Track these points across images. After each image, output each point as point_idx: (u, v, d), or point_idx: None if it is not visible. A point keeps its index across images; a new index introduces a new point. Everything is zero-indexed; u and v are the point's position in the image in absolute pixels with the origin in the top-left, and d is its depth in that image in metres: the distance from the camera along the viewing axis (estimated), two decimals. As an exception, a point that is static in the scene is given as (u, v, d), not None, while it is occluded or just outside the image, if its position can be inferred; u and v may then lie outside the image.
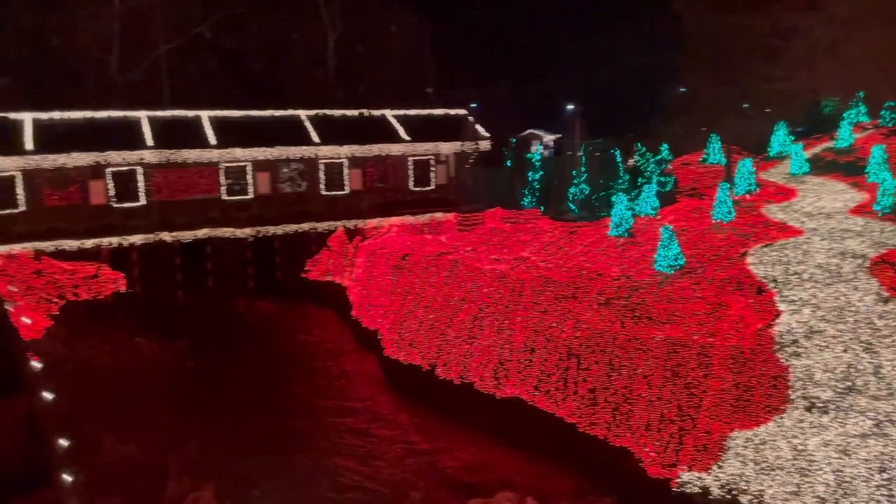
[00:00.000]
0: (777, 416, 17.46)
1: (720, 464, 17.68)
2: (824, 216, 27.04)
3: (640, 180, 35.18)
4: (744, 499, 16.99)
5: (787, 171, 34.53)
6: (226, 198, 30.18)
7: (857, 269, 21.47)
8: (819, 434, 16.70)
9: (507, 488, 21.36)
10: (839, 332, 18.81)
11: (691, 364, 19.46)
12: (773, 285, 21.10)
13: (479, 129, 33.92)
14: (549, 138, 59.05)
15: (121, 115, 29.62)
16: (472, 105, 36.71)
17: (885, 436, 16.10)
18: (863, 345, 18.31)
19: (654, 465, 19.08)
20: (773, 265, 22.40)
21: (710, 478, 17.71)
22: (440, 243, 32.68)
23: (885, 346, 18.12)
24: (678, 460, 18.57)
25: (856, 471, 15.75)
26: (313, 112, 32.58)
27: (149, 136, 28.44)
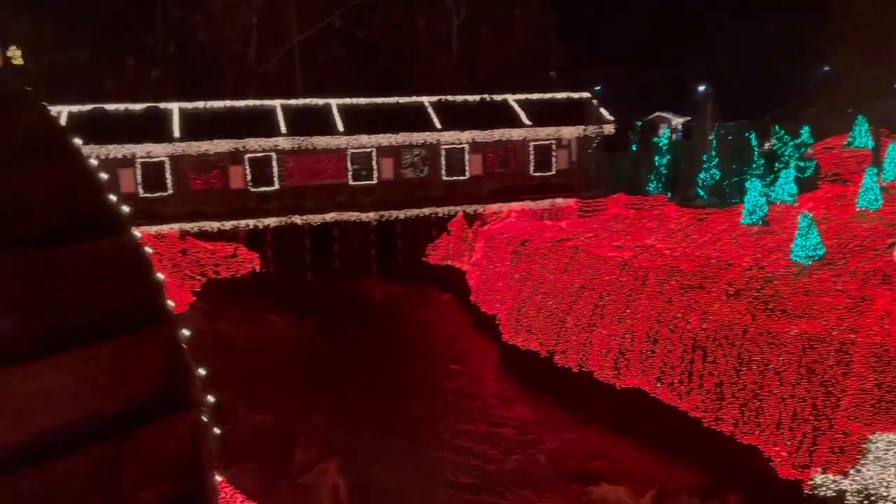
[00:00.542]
0: (927, 421, 16.13)
1: (858, 467, 16.56)
2: None
3: (776, 165, 33.22)
4: (885, 507, 15.88)
5: (946, 155, 31.46)
6: (352, 183, 31.25)
7: None
8: (976, 443, 15.29)
9: (625, 480, 21.02)
10: None
11: (829, 361, 18.28)
12: (925, 279, 19.42)
13: (604, 112, 33.13)
14: (678, 121, 56.81)
15: (257, 104, 31.29)
16: (596, 88, 35.92)
17: None
18: None
19: (785, 465, 18.14)
20: (927, 258, 20.60)
21: (847, 481, 16.64)
22: (560, 229, 32.32)
23: None
24: (811, 461, 17.56)
25: None
26: (436, 98, 33.04)
27: (282, 124, 29.89)
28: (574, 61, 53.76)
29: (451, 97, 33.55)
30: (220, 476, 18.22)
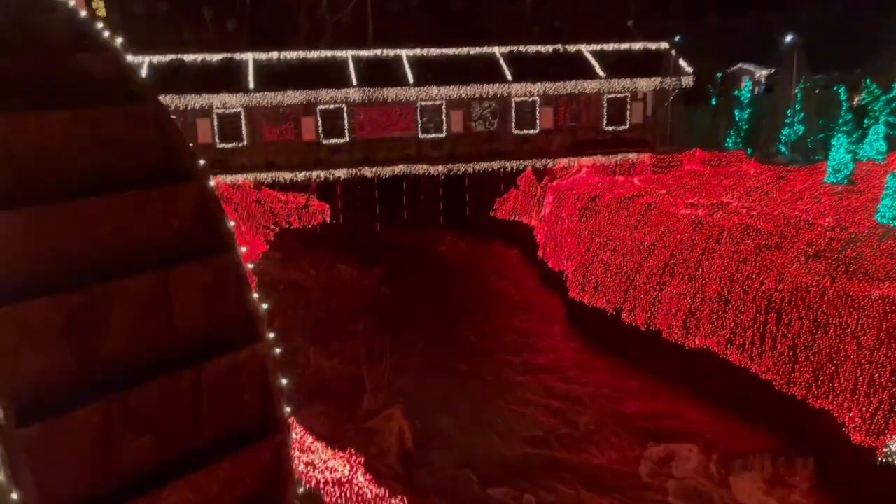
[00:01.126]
0: None
1: (940, 438, 15.96)
2: None
3: (865, 121, 31.46)
4: (966, 479, 15.30)
5: None
6: (421, 136, 31.18)
7: None
8: None
9: (692, 439, 20.86)
10: None
11: (913, 327, 17.51)
12: None
13: (682, 63, 31.84)
14: (762, 74, 54.21)
15: (329, 56, 31.34)
16: (675, 38, 34.39)
17: None
18: None
19: (859, 431, 17.63)
20: None
21: (926, 452, 16.08)
22: (632, 185, 31.63)
23: None
24: (887, 428, 17.00)
25: None
26: (507, 49, 32.37)
27: (353, 76, 29.97)
28: (652, 10, 51.69)
29: (523, 48, 32.81)
30: (291, 417, 19.00)
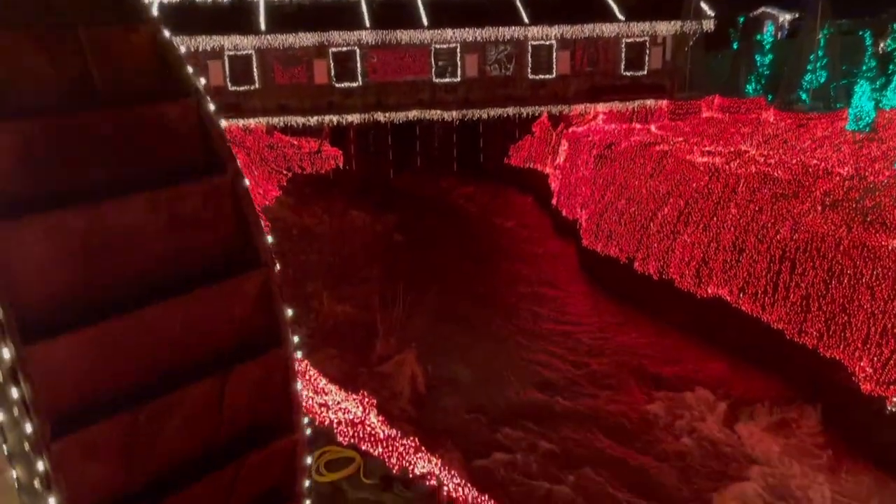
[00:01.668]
0: None
1: (950, 389, 15.99)
2: None
3: (890, 68, 30.66)
4: (974, 429, 15.37)
5: None
6: (435, 80, 30.74)
7: None
8: None
9: (701, 387, 21.03)
10: None
11: (929, 278, 17.37)
12: None
13: (703, 6, 30.99)
14: (785, 18, 52.80)
15: (342, -4, 30.80)
16: (697, -19, 33.40)
17: None
18: None
19: (869, 380, 17.68)
20: None
21: (936, 402, 16.14)
22: (649, 132, 31.19)
23: None
24: (898, 379, 17.03)
25: None
26: (524, -10, 31.65)
27: (367, 17, 29.44)
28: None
29: (540, -12, 32.03)
30: (305, 360, 19.30)
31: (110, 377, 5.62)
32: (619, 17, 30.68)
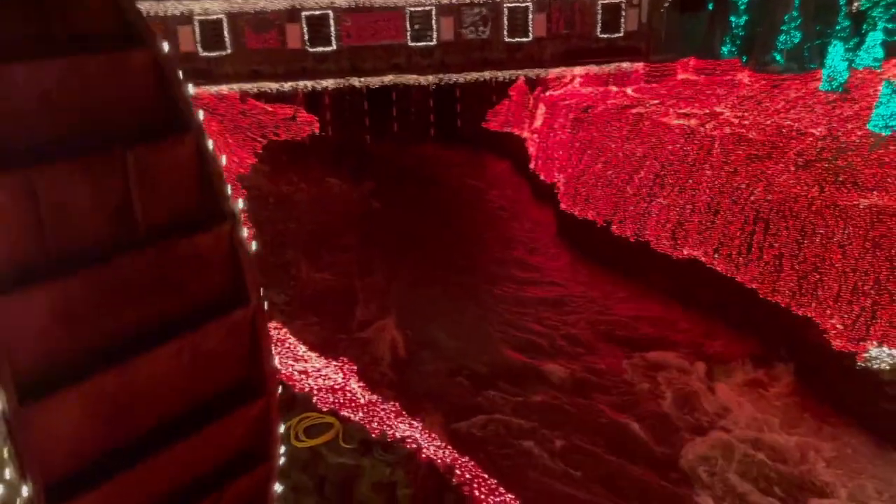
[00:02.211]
0: None
1: (917, 343, 16.43)
2: None
3: (864, 27, 30.72)
4: (940, 381, 15.84)
5: None
6: (411, 44, 30.29)
7: None
8: None
9: (678, 347, 21.41)
10: None
11: (898, 236, 17.71)
12: None
13: (679, -32, 30.77)
14: (760, -21, 52.63)
15: (314, -42, 30.09)
16: (672, -59, 33.04)
17: None
18: None
19: (840, 337, 18.10)
20: None
21: (903, 356, 16.58)
22: (625, 95, 31.13)
23: None
24: (868, 335, 17.45)
25: None
26: (500, -49, 31.16)
27: (339, -21, 28.87)
28: None
29: (515, -50, 31.55)
30: (284, 328, 19.32)
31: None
32: (595, -22, 30.39)
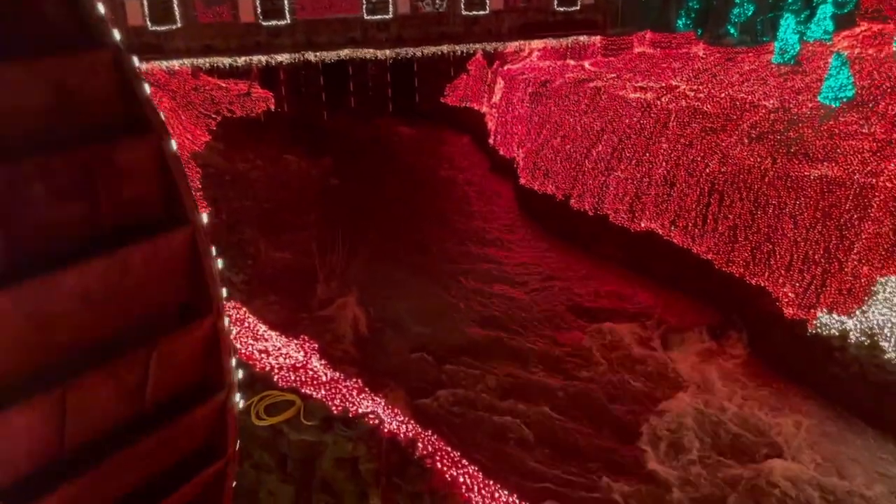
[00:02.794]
0: (938, 265, 16.26)
1: (864, 308, 16.95)
2: None
3: (814, 1, 31.25)
4: (887, 344, 16.39)
5: None
6: (367, 17, 29.82)
7: None
8: (985, 287, 15.48)
9: (635, 318, 21.76)
10: None
11: (847, 205, 18.17)
12: (958, 123, 18.81)
13: (635, -60, 30.82)
14: (714, -48, 53.00)
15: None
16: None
17: None
18: None
19: (791, 305, 18.59)
20: (963, 101, 19.84)
21: (852, 322, 17.10)
22: (583, 69, 31.22)
23: None
24: (818, 302, 17.96)
25: None
26: (456, -77, 30.75)
27: (291, -49, 28.19)
28: None
29: (471, -79, 31.18)
30: (243, 307, 19.06)
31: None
32: (552, -50, 30.25)
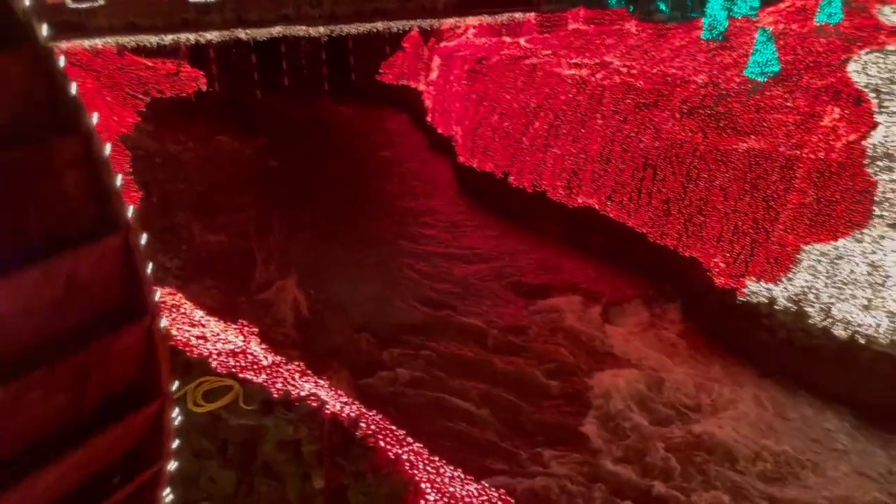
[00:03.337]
0: (857, 232, 17.02)
1: (790, 276, 17.65)
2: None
3: (741, -23, 31.99)
4: (811, 310, 17.12)
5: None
6: (299, -7, 29.19)
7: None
8: (900, 252, 16.29)
9: (575, 292, 22.13)
10: (941, 149, 17.63)
11: (773, 177, 18.84)
12: (873, 95, 19.56)
13: (567, -84, 30.90)
14: (644, -71, 53.72)
15: None
16: None
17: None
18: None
19: (722, 275, 19.21)
20: (878, 73, 20.64)
21: (779, 289, 17.79)
22: (518, 46, 31.30)
23: None
24: (747, 271, 18.61)
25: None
26: None
27: (218, -75, 27.30)
28: None
29: None
30: (178, 293, 18.60)
31: None
32: (485, -75, 30.10)
